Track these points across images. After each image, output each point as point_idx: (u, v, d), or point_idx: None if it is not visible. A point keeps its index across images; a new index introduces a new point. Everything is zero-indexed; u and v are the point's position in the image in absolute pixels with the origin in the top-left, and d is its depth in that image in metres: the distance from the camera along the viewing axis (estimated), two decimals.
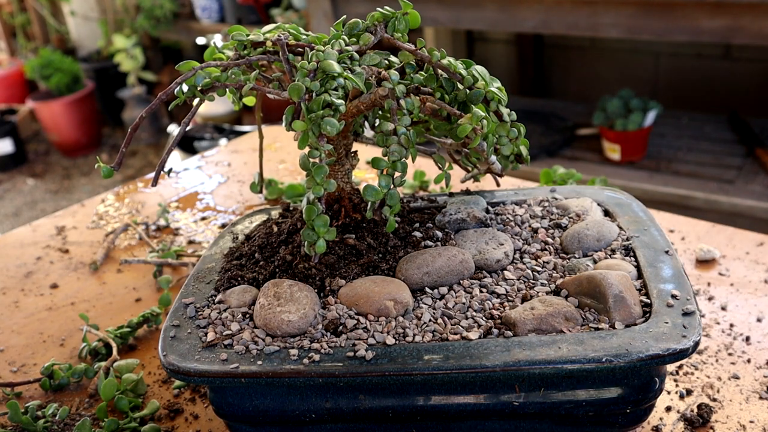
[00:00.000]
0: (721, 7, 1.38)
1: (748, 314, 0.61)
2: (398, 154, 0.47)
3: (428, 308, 0.48)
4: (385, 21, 0.51)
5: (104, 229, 0.89)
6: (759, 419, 0.50)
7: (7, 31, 3.99)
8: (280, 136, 1.14)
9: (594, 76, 2.51)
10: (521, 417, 0.45)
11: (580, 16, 1.65)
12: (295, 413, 0.46)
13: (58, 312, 0.72)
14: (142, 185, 1.03)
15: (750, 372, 0.54)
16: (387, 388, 0.45)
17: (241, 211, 0.90)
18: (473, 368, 0.41)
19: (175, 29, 3.23)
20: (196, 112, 0.49)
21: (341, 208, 0.54)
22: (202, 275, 0.55)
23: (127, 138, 0.48)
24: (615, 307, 0.45)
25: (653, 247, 0.52)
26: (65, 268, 0.81)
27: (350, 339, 0.45)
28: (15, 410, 0.54)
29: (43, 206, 3.12)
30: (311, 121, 0.44)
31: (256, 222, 0.63)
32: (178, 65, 0.49)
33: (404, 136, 0.47)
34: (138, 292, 0.74)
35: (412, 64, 0.51)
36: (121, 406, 0.55)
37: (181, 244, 0.83)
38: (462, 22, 1.86)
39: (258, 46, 0.51)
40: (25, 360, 0.65)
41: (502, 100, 0.50)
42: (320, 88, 0.45)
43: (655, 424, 0.50)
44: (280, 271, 0.51)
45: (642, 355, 0.41)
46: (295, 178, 0.98)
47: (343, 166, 0.53)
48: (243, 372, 0.43)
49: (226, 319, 0.48)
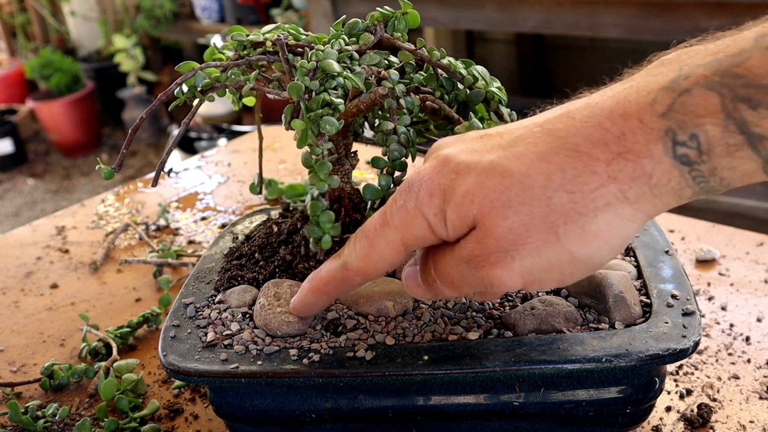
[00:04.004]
0: (721, 7, 1.38)
1: (748, 314, 0.61)
2: (398, 154, 0.47)
3: (428, 308, 0.48)
4: (384, 21, 0.51)
5: (104, 229, 0.89)
6: (759, 419, 0.50)
7: (7, 31, 3.99)
8: (280, 136, 1.14)
9: (594, 76, 2.51)
10: (521, 417, 0.45)
11: (580, 16, 1.65)
12: (295, 413, 0.46)
13: (58, 312, 0.72)
14: (142, 185, 1.03)
15: (750, 372, 0.54)
16: (387, 388, 0.45)
17: (241, 211, 0.90)
18: (473, 368, 0.41)
19: (175, 29, 3.23)
20: (196, 113, 0.49)
21: (341, 208, 0.54)
22: (202, 275, 0.55)
23: (128, 139, 0.48)
24: (615, 307, 0.45)
25: (653, 247, 0.52)
26: (65, 268, 0.81)
27: (350, 339, 0.45)
28: (15, 410, 0.54)
29: (43, 206, 3.12)
30: (310, 120, 0.44)
31: (256, 222, 0.63)
32: (178, 66, 0.49)
33: (404, 136, 0.47)
34: (138, 292, 0.74)
35: (412, 63, 0.51)
36: (121, 406, 0.55)
37: (181, 244, 0.83)
38: (462, 22, 1.86)
39: (258, 46, 0.51)
40: (25, 360, 0.65)
41: (503, 100, 0.50)
42: (319, 87, 0.45)
43: (655, 424, 0.50)
44: (280, 271, 0.51)
45: (642, 355, 0.41)
46: (295, 178, 0.98)
47: (343, 166, 0.53)
48: (243, 372, 0.43)
49: (226, 319, 0.48)
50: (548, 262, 0.36)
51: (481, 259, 0.37)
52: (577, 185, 0.35)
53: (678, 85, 0.33)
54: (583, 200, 0.35)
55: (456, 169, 0.38)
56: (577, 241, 0.35)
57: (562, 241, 0.35)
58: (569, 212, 0.35)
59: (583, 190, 0.35)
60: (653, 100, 0.34)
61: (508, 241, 0.36)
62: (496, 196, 0.36)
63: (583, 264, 0.36)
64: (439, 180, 0.38)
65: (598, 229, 0.35)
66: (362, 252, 0.41)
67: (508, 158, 0.36)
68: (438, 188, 0.38)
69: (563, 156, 0.35)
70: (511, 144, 0.37)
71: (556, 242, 0.35)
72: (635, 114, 0.34)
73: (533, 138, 0.37)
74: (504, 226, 0.36)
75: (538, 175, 0.35)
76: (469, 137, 0.40)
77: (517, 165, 0.36)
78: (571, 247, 0.35)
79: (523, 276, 0.37)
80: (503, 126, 0.40)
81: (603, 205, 0.35)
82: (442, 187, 0.38)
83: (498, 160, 0.37)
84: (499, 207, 0.36)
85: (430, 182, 0.38)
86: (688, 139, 0.33)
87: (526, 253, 0.36)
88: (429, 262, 0.41)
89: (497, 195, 0.36)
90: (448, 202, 0.37)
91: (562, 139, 0.35)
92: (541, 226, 0.35)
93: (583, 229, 0.35)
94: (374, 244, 0.40)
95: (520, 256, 0.36)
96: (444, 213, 0.38)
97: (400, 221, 0.39)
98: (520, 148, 0.37)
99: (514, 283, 0.37)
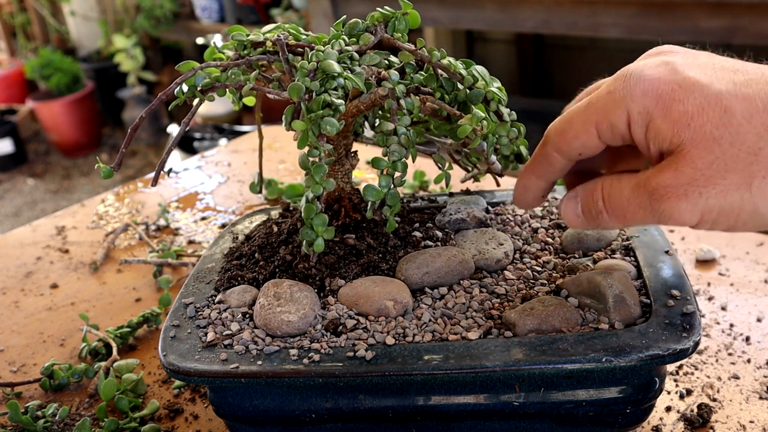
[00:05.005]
0: (721, 7, 1.38)
1: (748, 314, 0.61)
2: (398, 154, 0.47)
3: (428, 308, 0.48)
4: (385, 21, 0.51)
5: (104, 229, 0.89)
6: (759, 419, 0.50)
7: (7, 31, 3.99)
8: (280, 136, 1.14)
9: (594, 76, 2.50)
10: (521, 417, 0.45)
11: (580, 16, 1.65)
12: (295, 413, 0.46)
13: (58, 312, 0.72)
14: (142, 185, 1.03)
15: (750, 372, 0.54)
16: (387, 388, 0.45)
17: (241, 211, 0.90)
18: (473, 368, 0.41)
19: (175, 29, 3.23)
20: (196, 112, 0.49)
21: (341, 208, 0.54)
22: (202, 275, 0.55)
23: (127, 139, 0.48)
24: (615, 307, 0.45)
25: (653, 247, 0.52)
26: (65, 268, 0.81)
27: (350, 339, 0.45)
28: (15, 410, 0.54)
29: (43, 206, 3.12)
30: (311, 121, 0.44)
31: (256, 222, 0.63)
32: (178, 65, 0.49)
33: (404, 136, 0.47)
34: (138, 292, 0.74)
35: (412, 64, 0.51)
36: (121, 406, 0.55)
37: (181, 244, 0.83)
38: (462, 22, 1.86)
39: (258, 46, 0.51)
40: (25, 360, 0.65)
41: (503, 100, 0.50)
42: (320, 88, 0.45)
43: (655, 424, 0.50)
44: (280, 271, 0.51)
45: (642, 355, 0.41)
46: (295, 178, 0.98)
47: (343, 166, 0.53)
48: (243, 372, 0.43)
49: (226, 319, 0.48)
50: (731, 207, 0.37)
51: (670, 190, 0.37)
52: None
53: None
54: None
55: (682, 83, 0.38)
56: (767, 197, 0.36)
57: (753, 192, 0.36)
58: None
59: None
60: None
61: (705, 176, 0.36)
62: (712, 128, 0.36)
63: (762, 218, 0.37)
64: (660, 84, 0.38)
65: None
66: (561, 126, 0.42)
67: (736, 96, 0.37)
68: (656, 91, 0.38)
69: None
70: (744, 84, 0.37)
71: (746, 191, 0.36)
72: None
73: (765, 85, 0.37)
74: (707, 159, 0.36)
75: (758, 124, 0.36)
76: (702, 55, 0.40)
77: (741, 106, 0.36)
78: (758, 201, 0.36)
79: (704, 213, 0.37)
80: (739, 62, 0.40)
81: None
82: (660, 92, 0.38)
83: (726, 94, 0.37)
84: (711, 140, 0.36)
85: (650, 82, 0.38)
86: None
87: (716, 192, 0.36)
88: (597, 193, 0.41)
89: (713, 128, 0.36)
90: (661, 111, 0.38)
91: None
92: (741, 171, 0.36)
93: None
94: (572, 121, 0.42)
95: (708, 193, 0.37)
96: (650, 116, 0.38)
97: (603, 105, 0.40)
98: (750, 90, 0.37)
99: (693, 218, 0.38)
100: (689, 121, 0.37)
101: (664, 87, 0.38)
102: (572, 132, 0.42)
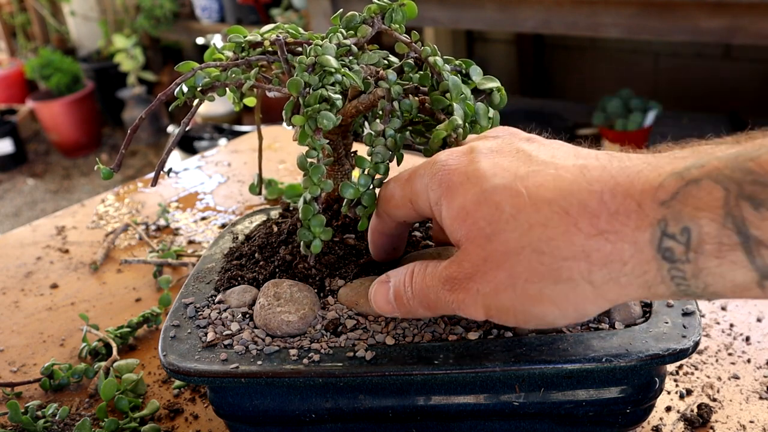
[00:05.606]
0: (721, 7, 1.38)
1: (748, 314, 0.61)
2: (382, 156, 0.46)
3: None
4: (382, 12, 0.51)
5: (104, 229, 0.89)
6: (759, 419, 0.50)
7: (7, 31, 3.99)
8: (280, 136, 1.14)
9: (594, 76, 2.51)
10: (521, 417, 0.45)
11: (580, 16, 1.65)
12: (295, 413, 0.46)
13: (58, 312, 0.72)
14: (142, 185, 1.03)
15: (750, 372, 0.54)
16: (387, 388, 0.45)
17: (241, 211, 0.90)
18: (473, 368, 0.41)
19: (175, 29, 3.23)
20: (195, 113, 0.49)
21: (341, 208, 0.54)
22: (202, 275, 0.55)
23: (127, 139, 0.48)
24: (615, 307, 0.45)
25: None
26: (65, 268, 0.81)
27: (350, 339, 0.45)
28: (15, 410, 0.54)
29: (43, 206, 3.12)
30: (307, 116, 0.44)
31: (256, 222, 0.63)
32: (177, 66, 0.49)
33: (391, 139, 0.47)
34: (138, 292, 0.74)
35: (411, 63, 0.51)
36: (121, 406, 0.55)
37: (181, 244, 0.83)
38: (462, 22, 1.86)
39: (256, 46, 0.51)
40: (25, 360, 0.65)
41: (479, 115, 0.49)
42: (318, 83, 0.45)
43: (655, 424, 0.50)
44: (280, 271, 0.51)
45: (642, 355, 0.41)
46: (295, 178, 0.98)
47: (343, 167, 0.53)
48: (243, 372, 0.43)
49: (226, 319, 0.48)
50: (503, 305, 0.36)
51: (456, 283, 0.37)
52: (549, 247, 0.34)
53: (689, 174, 0.31)
54: (549, 264, 0.34)
55: (471, 175, 0.37)
56: (532, 300, 0.35)
57: (518, 294, 0.35)
58: (533, 270, 0.34)
59: (553, 254, 0.34)
60: (660, 184, 0.32)
61: (480, 272, 0.36)
62: (484, 225, 0.36)
63: (536, 318, 0.36)
64: (453, 176, 0.38)
65: (554, 297, 0.35)
66: (386, 195, 0.44)
67: (510, 191, 0.36)
68: (448, 182, 0.38)
69: (552, 212, 0.34)
70: (527, 176, 0.36)
71: (512, 292, 0.35)
72: (637, 196, 0.32)
73: (544, 178, 0.36)
74: (481, 255, 0.36)
75: (524, 221, 0.35)
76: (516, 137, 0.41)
77: (512, 202, 0.35)
78: (525, 303, 0.35)
79: (486, 308, 0.37)
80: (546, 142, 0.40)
81: (566, 278, 0.34)
82: (450, 183, 0.38)
83: (501, 188, 0.36)
84: (483, 237, 0.36)
85: (446, 173, 0.39)
86: (679, 232, 0.31)
87: (488, 290, 0.36)
88: (407, 279, 0.41)
89: (486, 224, 0.36)
90: (447, 203, 0.38)
91: (562, 193, 0.34)
92: (509, 270, 0.35)
93: (540, 291, 0.35)
94: (394, 193, 0.43)
95: (484, 290, 0.36)
96: (440, 207, 0.39)
97: (412, 187, 0.41)
98: (529, 182, 0.36)
99: (478, 312, 0.37)
100: (465, 216, 0.37)
101: (455, 178, 0.38)
102: (393, 202, 0.43)
